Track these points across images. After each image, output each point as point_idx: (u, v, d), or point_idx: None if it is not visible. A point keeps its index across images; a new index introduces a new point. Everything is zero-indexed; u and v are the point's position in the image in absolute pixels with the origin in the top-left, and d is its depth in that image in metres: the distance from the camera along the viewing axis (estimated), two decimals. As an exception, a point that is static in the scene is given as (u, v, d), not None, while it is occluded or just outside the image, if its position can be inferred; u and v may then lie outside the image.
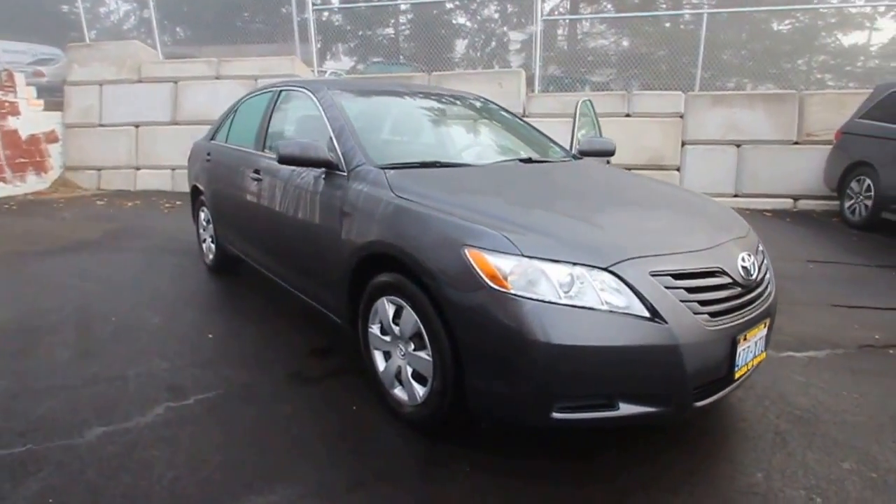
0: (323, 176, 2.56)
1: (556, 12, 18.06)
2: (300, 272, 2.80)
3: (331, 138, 2.62)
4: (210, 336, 3.05)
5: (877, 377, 2.62)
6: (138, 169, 8.30)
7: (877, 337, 3.04)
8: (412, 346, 2.08)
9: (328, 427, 2.18)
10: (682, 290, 1.78)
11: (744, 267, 1.95)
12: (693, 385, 1.78)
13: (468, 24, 17.60)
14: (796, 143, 7.01)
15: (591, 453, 2.02)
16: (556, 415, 1.72)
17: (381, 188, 2.25)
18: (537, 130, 3.41)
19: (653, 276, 1.75)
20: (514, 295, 1.70)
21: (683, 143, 7.22)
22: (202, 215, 4.28)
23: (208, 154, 4.01)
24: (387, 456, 2.00)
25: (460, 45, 17.83)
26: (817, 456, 2.02)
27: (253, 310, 3.45)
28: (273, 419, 2.23)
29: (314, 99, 2.90)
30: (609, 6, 17.95)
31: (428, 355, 1.98)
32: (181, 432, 2.13)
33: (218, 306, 3.57)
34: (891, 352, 2.89)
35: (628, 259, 1.77)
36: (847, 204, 5.90)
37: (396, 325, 2.13)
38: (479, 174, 2.55)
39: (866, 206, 5.60)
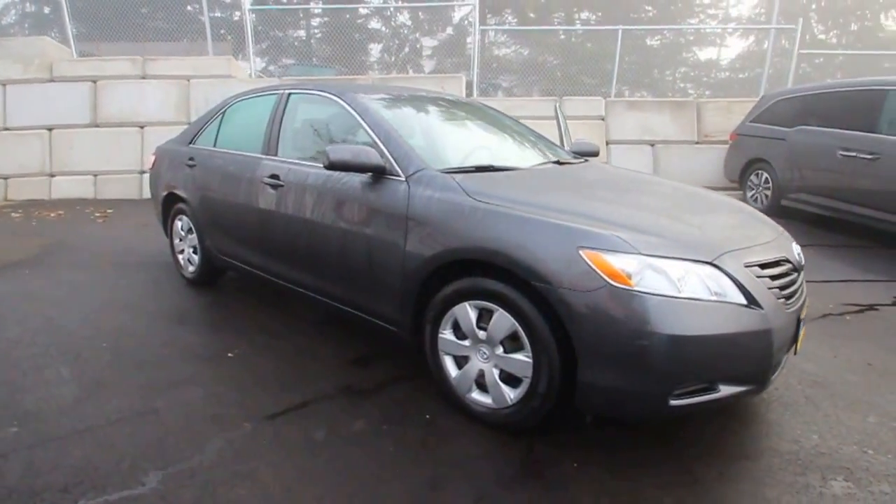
0: (372, 182, 2.34)
1: (465, 21, 18.28)
2: (339, 281, 2.53)
3: (374, 143, 2.41)
4: (231, 355, 2.68)
5: (848, 340, 2.92)
6: (53, 176, 7.14)
7: (831, 306, 3.39)
8: (501, 350, 1.96)
9: (410, 440, 1.99)
10: (766, 279, 1.84)
11: (798, 253, 2.07)
12: (775, 362, 1.85)
13: (383, 29, 17.27)
14: (697, 142, 7.66)
15: (665, 437, 2.04)
16: (672, 402, 1.70)
17: (455, 193, 2.09)
18: (532, 131, 3.38)
19: (746, 267, 1.80)
20: (638, 292, 1.65)
21: (607, 143, 7.61)
22: (178, 224, 3.76)
23: (191, 159, 3.51)
24: (491, 463, 1.86)
25: (375, 50, 17.46)
26: (847, 414, 2.20)
27: (265, 323, 3.08)
28: (349, 439, 1.99)
29: (343, 103, 2.66)
30: (511, 18, 18.46)
31: (527, 356, 1.87)
32: (258, 465, 1.83)
33: (221, 322, 3.14)
34: (847, 318, 3.24)
35: (726, 253, 1.80)
36: (749, 194, 6.55)
37: (482, 329, 1.99)
38: (536, 177, 2.47)
39: (766, 195, 6.26)
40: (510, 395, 1.95)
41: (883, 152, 4.84)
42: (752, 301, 1.74)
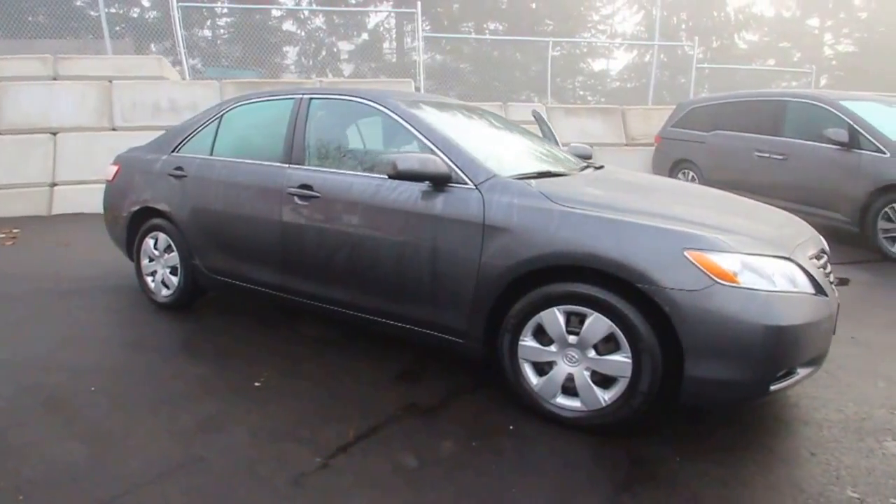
0: (433, 190, 2.17)
1: (381, 27, 18.00)
2: (389, 295, 2.31)
3: (431, 151, 2.25)
4: (258, 384, 2.34)
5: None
6: (-68, 191, 5.90)
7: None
8: (593, 352, 1.90)
9: (509, 453, 1.86)
10: (821, 269, 1.97)
11: (828, 246, 2.24)
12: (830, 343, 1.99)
13: (299, 32, 16.46)
14: (626, 145, 8.19)
15: (727, 420, 2.11)
16: (772, 387, 1.76)
17: (537, 199, 2.01)
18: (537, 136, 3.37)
19: (809, 259, 1.91)
20: (744, 288, 1.68)
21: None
22: (150, 243, 3.23)
23: (178, 169, 3.04)
24: (602, 469, 1.79)
25: (292, 52, 16.62)
26: (861, 382, 2.42)
27: (280, 346, 2.73)
28: (444, 461, 1.82)
29: (386, 110, 2.48)
30: (426, 26, 18.49)
31: (625, 357, 1.84)
32: (357, 499, 1.61)
33: (228, 349, 2.71)
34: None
35: (796, 247, 1.90)
36: (675, 191, 7.13)
37: (572, 333, 1.92)
38: (593, 182, 2.43)
39: (691, 192, 6.85)
40: (604, 396, 1.91)
41: (790, 153, 5.48)
42: (818, 290, 1.86)
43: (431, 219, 2.16)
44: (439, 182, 2.17)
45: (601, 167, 2.93)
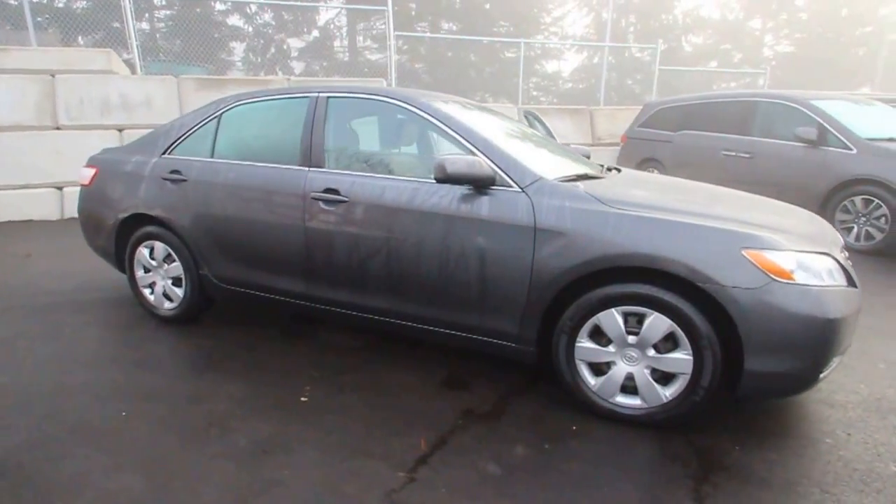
0: (475, 193, 2.20)
1: (331, 25, 17.68)
2: (431, 302, 2.31)
3: (471, 153, 2.27)
4: (305, 399, 2.29)
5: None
6: None
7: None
8: (653, 351, 2.01)
9: (584, 454, 1.93)
10: (848, 262, 2.17)
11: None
12: None
13: (247, 27, 15.86)
14: (593, 144, 8.50)
15: (757, 408, 2.28)
16: (821, 376, 1.93)
17: (587, 202, 2.07)
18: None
19: (840, 253, 2.10)
20: (800, 284, 1.83)
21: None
22: (145, 252, 3.06)
23: (174, 172, 2.89)
24: (677, 464, 1.89)
25: (239, 49, 16.01)
26: (861, 364, 2.66)
27: (310, 357, 2.67)
28: (524, 465, 1.86)
29: (418, 110, 2.46)
30: (380, 24, 18.32)
31: (685, 354, 1.95)
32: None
33: (255, 363, 2.61)
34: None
35: (830, 242, 2.08)
36: (646, 189, 7.49)
37: (631, 333, 2.01)
38: (631, 184, 2.50)
39: (662, 190, 7.23)
40: (664, 393, 2.01)
41: (756, 152, 5.89)
42: (851, 283, 2.04)
43: (477, 223, 2.18)
44: (483, 185, 2.20)
45: (620, 170, 3.06)
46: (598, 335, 2.09)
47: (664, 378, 2.03)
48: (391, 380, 2.46)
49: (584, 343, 2.10)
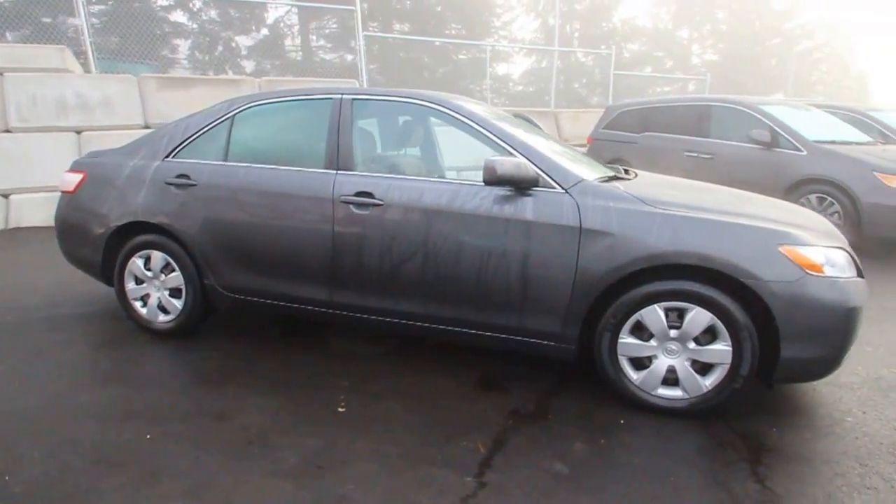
0: (516, 195, 2.20)
1: (280, 23, 17.12)
2: (470, 304, 2.28)
3: (510, 155, 2.27)
4: (342, 410, 2.20)
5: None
6: None
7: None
8: (694, 344, 2.08)
9: (639, 448, 1.97)
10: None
11: None
12: None
13: (191, 24, 15.06)
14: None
15: (783, 392, 2.43)
16: (842, 361, 2.07)
17: (630, 203, 2.13)
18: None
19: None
20: (830, 276, 1.96)
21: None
22: (138, 264, 2.83)
23: (181, 177, 2.70)
24: (732, 451, 1.96)
25: (184, 46, 15.18)
26: (855, 347, 2.89)
27: (333, 366, 2.57)
28: (589, 462, 1.88)
29: (452, 112, 2.46)
30: (332, 24, 17.96)
31: (725, 345, 2.04)
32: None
33: (277, 375, 2.46)
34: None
35: (839, 238, 2.23)
36: (611, 189, 7.77)
37: (673, 328, 2.08)
38: (658, 185, 2.57)
39: (627, 189, 7.52)
40: (705, 383, 2.09)
41: (716, 153, 6.26)
42: (859, 274, 2.21)
43: (521, 224, 2.19)
44: (526, 186, 2.21)
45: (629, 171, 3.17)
46: (639, 331, 2.14)
47: (703, 369, 2.11)
48: (424, 385, 2.41)
49: (627, 339, 2.15)
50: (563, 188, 2.21)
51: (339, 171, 2.49)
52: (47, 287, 3.72)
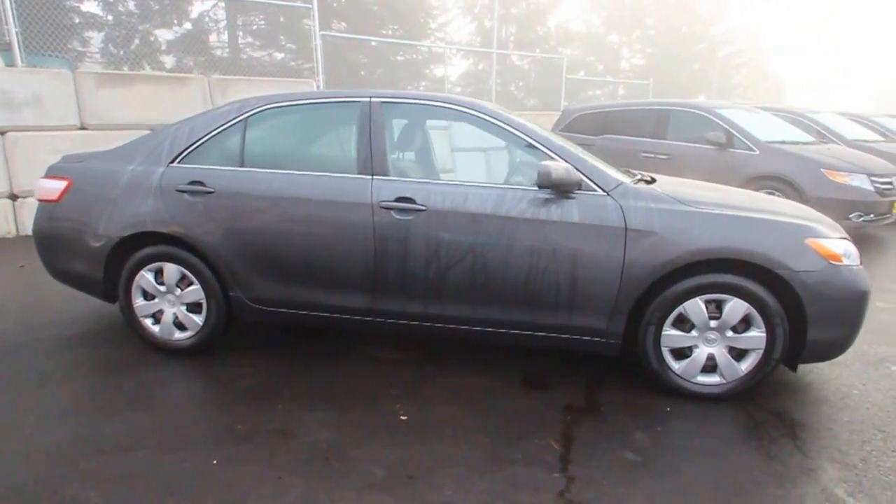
0: (559, 198, 2.33)
1: (206, 17, 16.29)
2: (517, 305, 2.38)
3: (553, 159, 2.40)
4: (405, 419, 2.22)
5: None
6: None
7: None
8: (731, 332, 2.31)
9: (693, 431, 2.16)
10: (847, 244, 2.69)
11: None
12: None
13: (106, 15, 13.98)
14: (518, 148, 9.02)
15: (784, 373, 2.73)
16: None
17: (669, 203, 2.31)
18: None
19: None
20: (847, 265, 2.25)
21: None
22: (148, 278, 2.68)
23: (196, 184, 2.58)
24: (765, 427, 2.20)
25: (97, 38, 14.07)
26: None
27: (374, 375, 2.57)
28: (660, 450, 2.04)
29: (488, 117, 2.55)
30: (259, 20, 17.37)
31: (759, 332, 2.28)
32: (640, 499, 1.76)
33: (324, 389, 2.43)
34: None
35: (841, 231, 2.56)
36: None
37: (713, 318, 2.30)
38: (684, 185, 2.76)
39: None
40: (741, 367, 2.33)
41: (673, 154, 6.78)
42: (860, 262, 2.55)
43: (569, 226, 2.32)
44: (570, 190, 2.35)
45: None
46: (680, 323, 2.34)
47: (739, 355, 2.34)
48: (472, 387, 2.49)
49: (670, 331, 2.34)
50: (604, 191, 2.36)
51: (374, 177, 2.50)
52: (19, 309, 3.40)
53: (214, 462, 1.91)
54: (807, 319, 2.23)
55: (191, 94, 6.44)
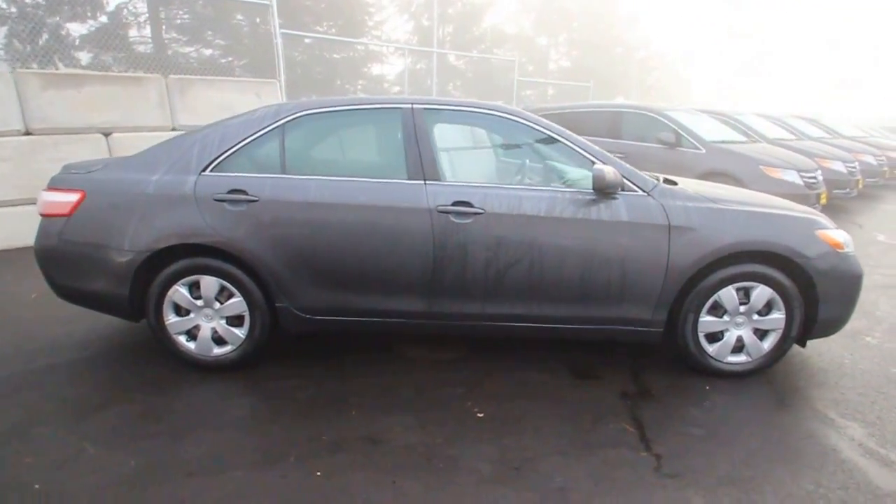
0: (604, 199, 2.51)
1: (124, 11, 15.09)
2: (576, 300, 2.52)
3: (592, 163, 2.57)
4: (481, 416, 2.29)
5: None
6: None
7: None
8: (756, 316, 2.60)
9: (738, 404, 2.42)
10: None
11: None
12: None
13: (9, 8, 12.55)
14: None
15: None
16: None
17: (704, 201, 2.55)
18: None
19: None
20: (846, 252, 2.60)
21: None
22: (182, 292, 2.55)
23: (237, 192, 2.49)
24: (799, 396, 2.51)
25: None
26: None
27: (423, 375, 2.62)
28: (718, 423, 2.27)
29: (529, 123, 2.70)
30: (184, 15, 16.38)
31: (780, 314, 2.58)
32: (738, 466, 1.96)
33: (384, 392, 2.44)
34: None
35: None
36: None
37: (744, 304, 2.57)
38: (704, 186, 3.00)
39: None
40: (763, 346, 2.63)
41: (628, 153, 7.24)
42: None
43: (619, 225, 2.49)
44: (613, 191, 2.53)
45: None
46: (714, 309, 2.60)
47: (762, 336, 2.64)
48: (528, 381, 2.61)
49: (705, 317, 2.59)
50: (644, 191, 2.56)
51: (427, 182, 2.55)
52: (13, 333, 3.08)
53: (318, 474, 1.89)
54: (818, 301, 2.56)
55: (146, 95, 6.02)
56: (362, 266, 2.53)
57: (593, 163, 2.59)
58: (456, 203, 2.50)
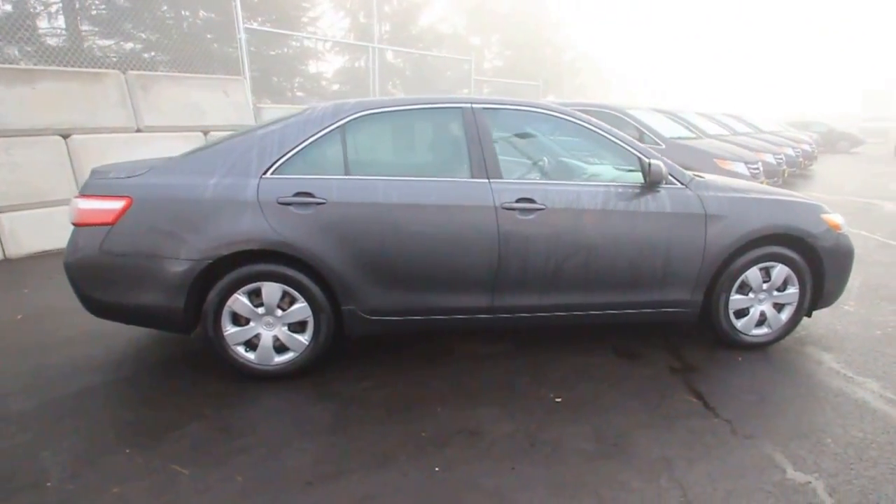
0: (650, 191, 2.70)
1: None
2: (626, 287, 2.70)
3: (639, 158, 2.76)
4: (559, 400, 2.41)
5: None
6: None
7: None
8: (776, 292, 2.91)
9: (767, 372, 2.70)
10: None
11: None
12: None
13: None
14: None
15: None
16: (844, 289, 3.15)
17: (732, 192, 2.82)
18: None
19: None
20: (843, 232, 2.97)
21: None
22: (243, 301, 2.46)
23: (303, 195, 2.44)
24: (820, 363, 2.84)
25: None
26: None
27: (483, 369, 2.70)
28: (761, 389, 2.52)
29: (579, 122, 2.85)
30: (104, 7, 15.10)
31: (794, 289, 2.91)
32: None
33: (459, 389, 2.49)
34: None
35: (824, 206, 3.34)
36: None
37: (766, 282, 2.87)
38: (724, 178, 3.28)
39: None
40: (781, 318, 2.95)
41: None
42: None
43: (664, 216, 2.70)
44: (658, 184, 2.73)
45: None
46: (741, 288, 2.88)
47: (778, 309, 2.96)
48: (584, 365, 2.76)
49: (735, 296, 2.87)
50: (682, 184, 2.79)
51: (490, 180, 2.63)
52: (19, 362, 2.80)
53: (437, 469, 1.93)
54: (824, 275, 2.91)
55: (106, 92, 5.58)
56: (430, 264, 2.56)
57: (641, 158, 2.77)
58: (520, 200, 2.59)
